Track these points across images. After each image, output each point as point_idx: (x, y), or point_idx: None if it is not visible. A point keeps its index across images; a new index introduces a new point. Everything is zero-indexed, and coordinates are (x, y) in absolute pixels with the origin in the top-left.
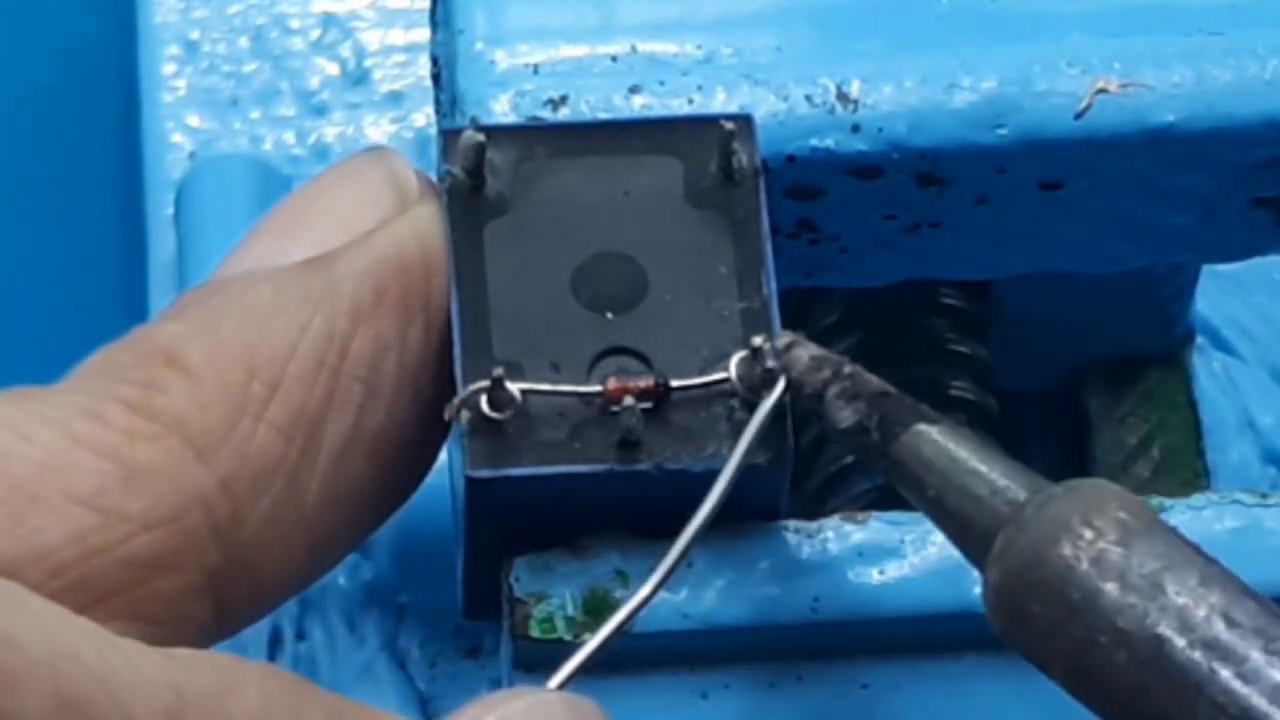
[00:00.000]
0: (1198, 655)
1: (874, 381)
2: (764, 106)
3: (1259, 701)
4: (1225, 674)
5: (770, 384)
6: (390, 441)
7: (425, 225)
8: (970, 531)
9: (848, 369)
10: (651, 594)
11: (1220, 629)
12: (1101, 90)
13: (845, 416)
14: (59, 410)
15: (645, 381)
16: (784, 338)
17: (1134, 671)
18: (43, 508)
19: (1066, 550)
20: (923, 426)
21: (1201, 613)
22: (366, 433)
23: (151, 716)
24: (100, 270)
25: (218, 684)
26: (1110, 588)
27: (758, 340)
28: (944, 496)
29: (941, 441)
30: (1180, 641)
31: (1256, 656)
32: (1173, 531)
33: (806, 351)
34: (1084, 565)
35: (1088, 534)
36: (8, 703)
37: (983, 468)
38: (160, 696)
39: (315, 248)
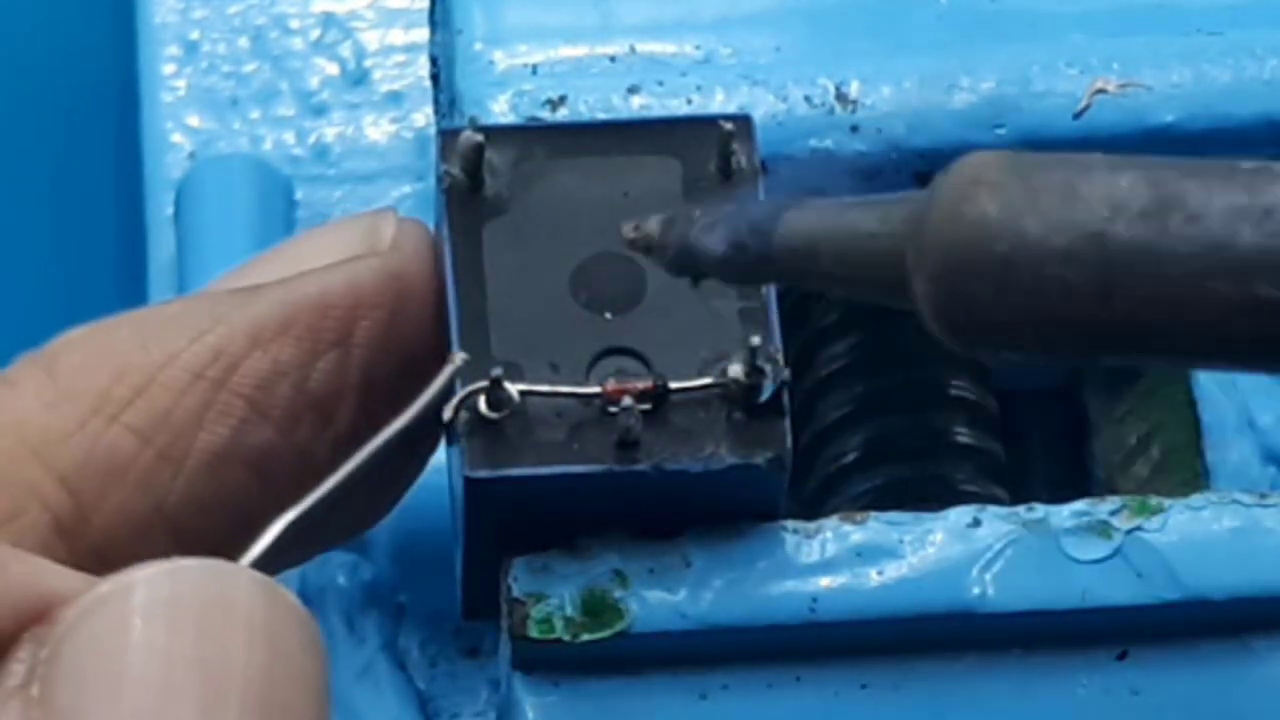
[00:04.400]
0: (1140, 229)
1: (724, 206)
2: (763, 107)
3: (1217, 233)
4: (1174, 229)
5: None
6: (281, 458)
7: (364, 272)
8: (885, 269)
9: (696, 211)
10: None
11: (1148, 197)
12: (1100, 90)
13: (716, 243)
14: None
15: (644, 383)
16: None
17: (1091, 283)
18: None
19: (972, 217)
20: (790, 213)
21: (1123, 191)
22: (248, 445)
23: None
24: (99, 270)
25: None
26: (1030, 220)
27: (756, 340)
28: (843, 255)
29: (812, 213)
30: (1119, 225)
31: (1195, 202)
32: (1068, 155)
33: (652, 221)
34: (994, 215)
35: (984, 193)
36: None
37: (860, 211)
38: None
39: (260, 279)
